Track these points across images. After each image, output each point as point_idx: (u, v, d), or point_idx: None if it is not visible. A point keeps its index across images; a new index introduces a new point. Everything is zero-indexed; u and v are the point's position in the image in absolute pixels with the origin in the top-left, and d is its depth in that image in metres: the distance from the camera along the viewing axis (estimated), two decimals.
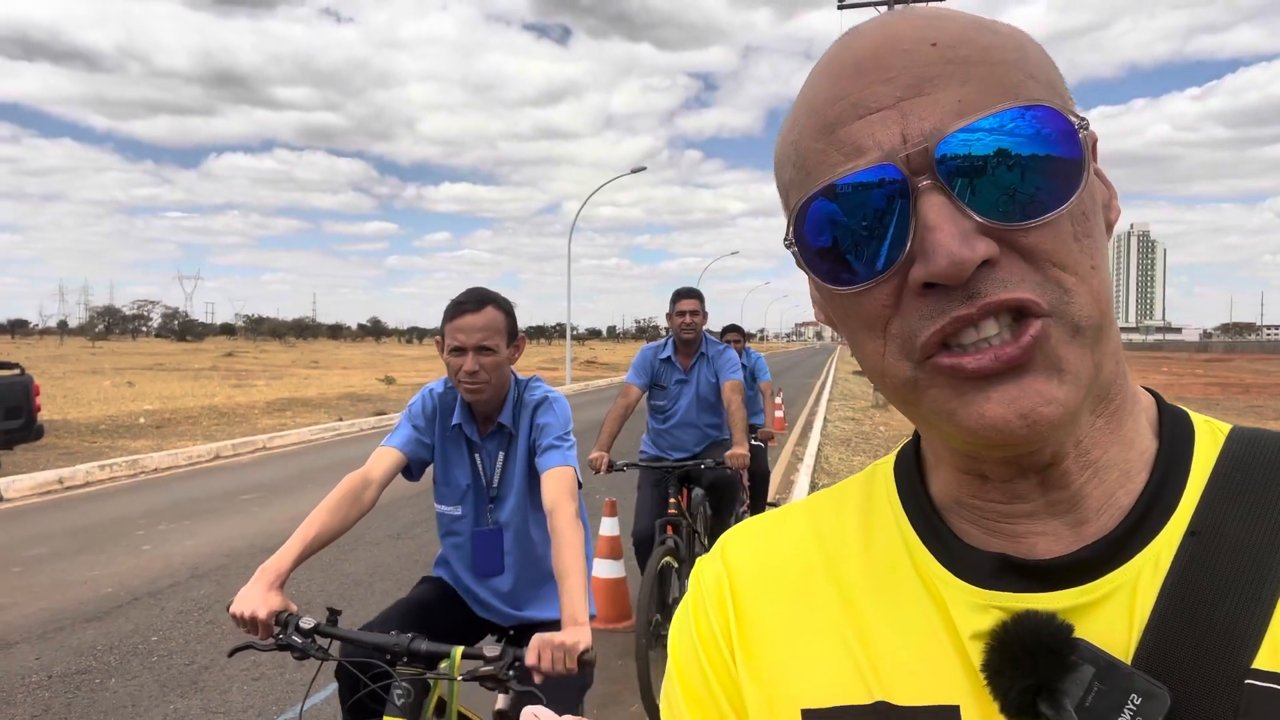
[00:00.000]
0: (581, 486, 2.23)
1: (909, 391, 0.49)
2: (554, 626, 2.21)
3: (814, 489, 7.32)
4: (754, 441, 6.03)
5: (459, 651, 1.79)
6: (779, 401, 15.61)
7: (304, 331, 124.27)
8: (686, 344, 4.75)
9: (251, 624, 1.77)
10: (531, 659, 1.69)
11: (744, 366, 5.93)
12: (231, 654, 1.83)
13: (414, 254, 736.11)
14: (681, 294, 4.72)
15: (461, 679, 1.77)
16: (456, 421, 2.33)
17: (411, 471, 2.33)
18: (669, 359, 4.79)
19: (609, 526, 5.22)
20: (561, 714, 0.60)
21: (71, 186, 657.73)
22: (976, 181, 0.44)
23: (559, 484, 2.14)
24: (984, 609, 0.51)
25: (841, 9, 26.30)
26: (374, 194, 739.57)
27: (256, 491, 9.24)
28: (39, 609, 5.30)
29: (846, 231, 0.47)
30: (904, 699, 0.52)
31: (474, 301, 2.21)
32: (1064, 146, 0.45)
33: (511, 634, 2.41)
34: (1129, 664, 0.46)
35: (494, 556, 2.35)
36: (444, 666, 1.81)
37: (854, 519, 0.61)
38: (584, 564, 1.97)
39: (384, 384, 25.73)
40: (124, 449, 11.79)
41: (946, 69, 0.46)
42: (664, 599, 4.13)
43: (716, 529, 5.01)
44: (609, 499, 5.48)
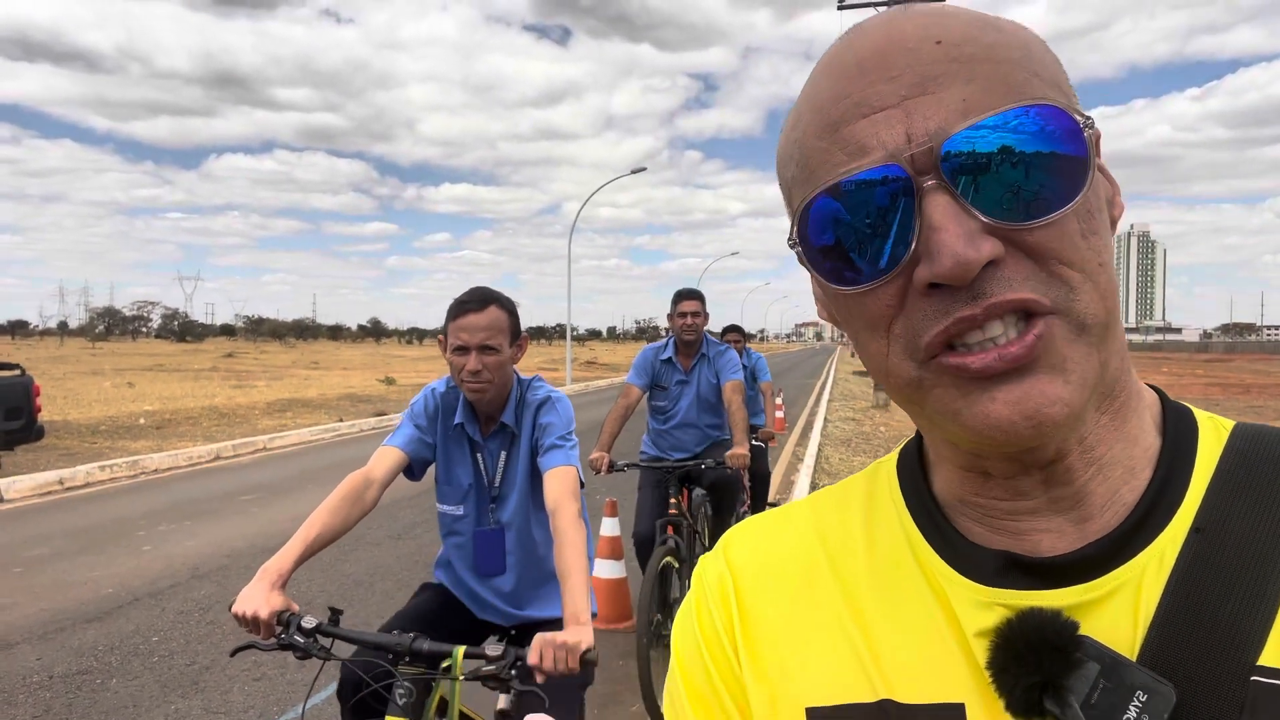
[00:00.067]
0: (584, 486, 2.23)
1: (913, 391, 0.49)
2: (555, 625, 2.20)
3: (814, 489, 7.28)
4: (754, 442, 6.03)
5: (461, 651, 1.79)
6: (779, 402, 15.60)
7: (304, 332, 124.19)
8: (687, 345, 4.74)
9: (253, 624, 1.76)
10: (534, 659, 1.68)
11: (744, 367, 5.93)
12: (234, 653, 1.82)
13: (414, 255, 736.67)
14: (683, 295, 4.72)
15: (463, 679, 1.76)
16: (459, 421, 2.32)
17: (413, 471, 2.32)
18: (670, 360, 4.78)
19: (610, 527, 5.22)
20: (563, 711, 0.60)
21: (72, 187, 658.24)
22: (981, 180, 0.44)
23: (561, 484, 2.14)
24: (988, 606, 0.50)
25: (841, 9, 26.28)
26: (374, 195, 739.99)
27: (257, 492, 9.23)
28: (40, 609, 5.30)
29: (850, 230, 0.47)
30: (908, 697, 0.52)
31: (477, 301, 2.20)
32: (1069, 144, 0.45)
33: (513, 633, 2.40)
34: (1134, 661, 0.46)
35: (496, 556, 2.34)
36: (446, 666, 1.81)
37: (857, 517, 0.60)
38: (586, 564, 1.96)
39: (384, 385, 25.72)
40: (124, 450, 11.78)
41: (951, 67, 0.46)
42: (665, 599, 4.13)
43: (717, 529, 5.01)
44: (610, 499, 5.47)
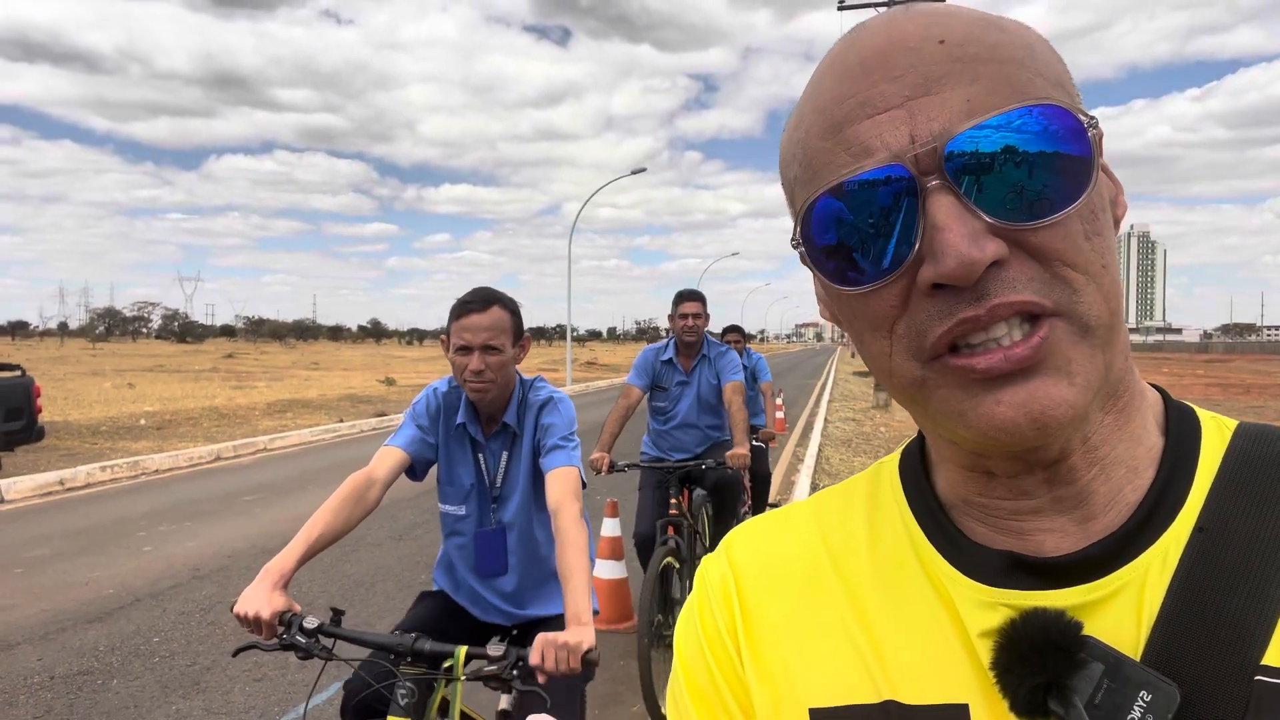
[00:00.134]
0: (585, 487, 2.23)
1: (917, 391, 0.49)
2: (557, 621, 2.20)
3: (815, 490, 7.31)
4: (755, 442, 6.03)
5: (463, 651, 1.79)
6: (779, 402, 15.60)
7: (304, 333, 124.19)
8: (688, 346, 4.74)
9: (255, 624, 1.76)
10: (535, 659, 1.68)
11: (744, 367, 5.93)
12: (236, 653, 1.82)
13: (414, 255, 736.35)
14: (684, 296, 4.72)
15: (465, 679, 1.76)
16: (461, 421, 2.32)
17: (415, 471, 2.32)
18: (670, 360, 4.78)
19: (610, 527, 5.22)
20: (564, 711, 0.60)
21: (72, 188, 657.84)
22: (985, 180, 0.44)
23: (563, 484, 2.14)
24: (992, 606, 0.50)
25: (842, 9, 26.26)
26: (374, 195, 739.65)
27: (257, 493, 9.23)
28: (40, 610, 5.30)
29: (852, 230, 0.47)
30: (912, 697, 0.52)
31: (480, 301, 2.20)
32: (1073, 144, 0.45)
33: (515, 633, 2.40)
34: (1138, 661, 0.46)
35: (497, 556, 2.34)
36: (448, 666, 1.81)
37: (859, 517, 0.60)
38: (588, 564, 1.96)
39: (384, 385, 25.72)
40: (125, 450, 11.78)
41: (954, 67, 0.45)
42: (666, 599, 4.12)
43: (718, 530, 5.01)
44: (610, 500, 5.47)
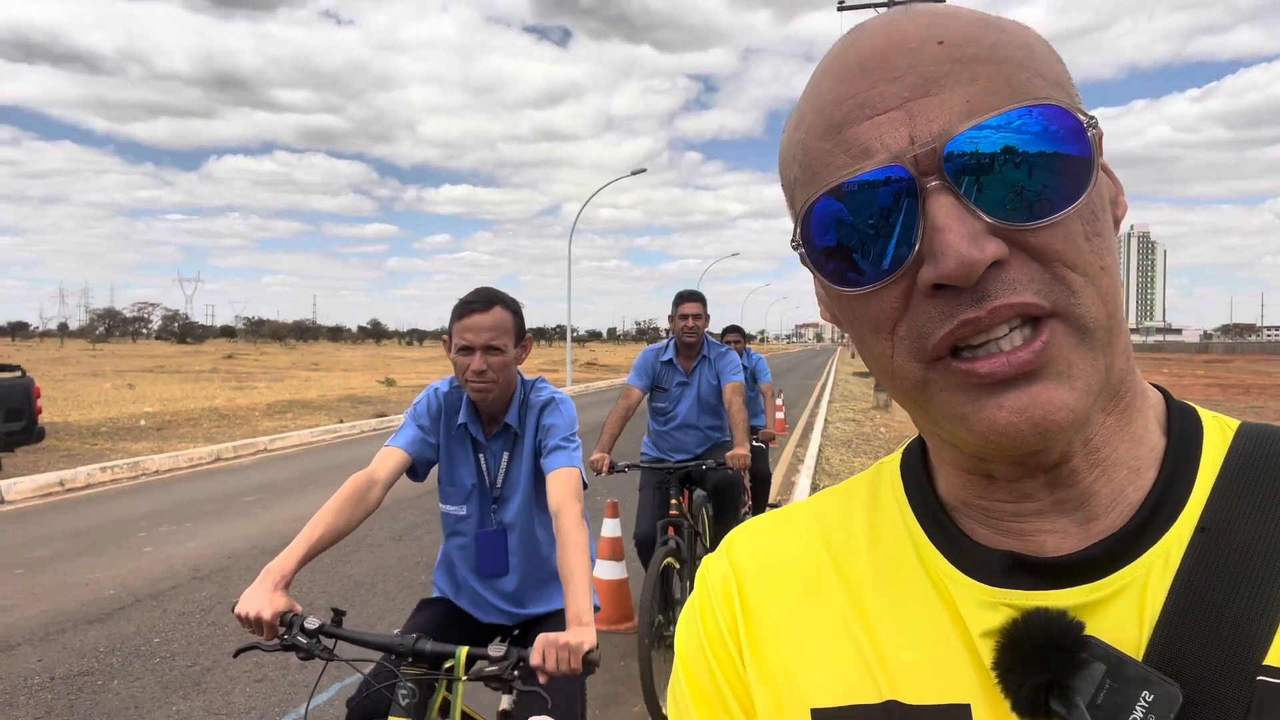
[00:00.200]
0: (586, 487, 2.23)
1: (918, 393, 0.49)
2: (557, 617, 2.20)
3: (815, 490, 7.31)
4: (755, 443, 6.03)
5: (464, 651, 1.79)
6: (779, 403, 15.60)
7: (304, 334, 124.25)
8: (688, 347, 4.74)
9: (256, 624, 1.76)
10: (536, 659, 1.68)
11: (744, 368, 5.93)
12: (237, 654, 1.82)
13: (414, 256, 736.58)
14: (684, 297, 4.71)
15: (466, 679, 1.76)
16: (462, 421, 2.32)
17: (416, 471, 2.32)
18: (670, 361, 4.78)
19: (611, 528, 5.22)
20: (565, 711, 0.60)
21: (72, 189, 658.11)
22: (984, 181, 0.44)
23: (564, 485, 2.14)
24: (994, 607, 0.50)
25: (841, 10, 26.25)
26: (374, 196, 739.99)
27: (257, 493, 9.23)
28: (41, 611, 5.30)
29: (852, 230, 0.47)
30: (914, 698, 0.52)
31: (482, 301, 2.20)
32: (1072, 144, 0.45)
33: (516, 632, 2.40)
34: (1140, 661, 0.46)
35: (498, 557, 2.34)
36: (449, 667, 1.81)
37: (860, 517, 0.60)
38: (589, 564, 1.96)
39: (384, 386, 25.73)
40: (125, 451, 11.78)
41: (954, 68, 0.45)
42: (666, 599, 4.13)
43: (719, 530, 5.01)
44: (611, 500, 5.47)
